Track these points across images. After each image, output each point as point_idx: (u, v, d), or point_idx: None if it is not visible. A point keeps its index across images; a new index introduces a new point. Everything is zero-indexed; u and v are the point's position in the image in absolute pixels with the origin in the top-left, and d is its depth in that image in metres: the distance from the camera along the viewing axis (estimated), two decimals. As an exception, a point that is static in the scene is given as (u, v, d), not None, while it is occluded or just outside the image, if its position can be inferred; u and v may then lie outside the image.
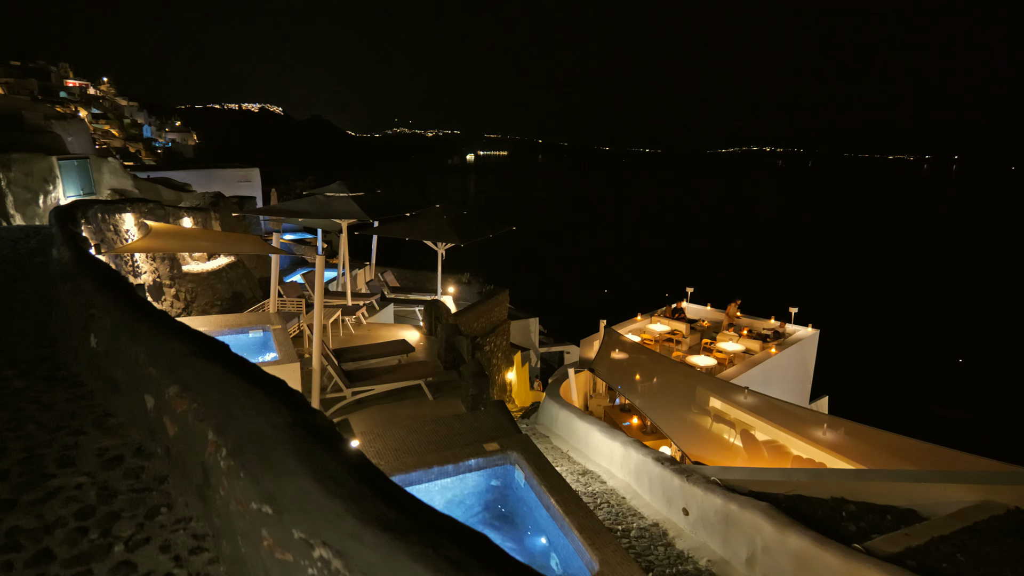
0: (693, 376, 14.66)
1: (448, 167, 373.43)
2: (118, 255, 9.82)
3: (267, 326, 9.80)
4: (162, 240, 8.07)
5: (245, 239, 9.35)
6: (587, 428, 9.87)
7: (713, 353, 17.85)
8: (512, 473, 5.16)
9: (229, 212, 13.44)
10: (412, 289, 17.84)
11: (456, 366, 10.68)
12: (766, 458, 12.34)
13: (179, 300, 11.57)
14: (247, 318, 10.15)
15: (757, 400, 13.93)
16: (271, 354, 9.05)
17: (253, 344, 9.59)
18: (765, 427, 13.16)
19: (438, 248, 16.56)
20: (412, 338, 12.60)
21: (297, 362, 8.17)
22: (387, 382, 9.14)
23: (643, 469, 7.95)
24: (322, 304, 8.28)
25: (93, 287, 3.78)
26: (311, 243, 25.40)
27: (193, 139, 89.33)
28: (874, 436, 11.95)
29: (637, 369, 13.66)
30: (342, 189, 12.69)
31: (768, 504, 6.00)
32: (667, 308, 21.18)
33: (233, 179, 24.91)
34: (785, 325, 19.43)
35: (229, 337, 9.36)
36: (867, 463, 11.13)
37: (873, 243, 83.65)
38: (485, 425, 5.81)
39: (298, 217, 12.45)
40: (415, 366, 9.70)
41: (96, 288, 3.73)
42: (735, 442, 13.16)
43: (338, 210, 11.85)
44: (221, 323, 9.79)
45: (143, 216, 11.18)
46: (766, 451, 12.50)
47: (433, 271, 20.00)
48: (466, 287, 17.98)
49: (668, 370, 13.67)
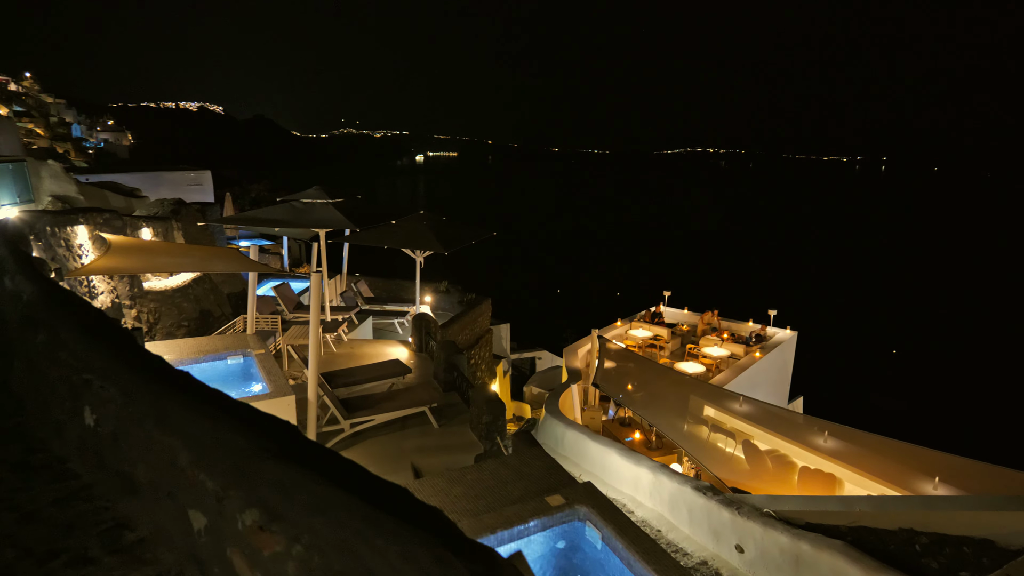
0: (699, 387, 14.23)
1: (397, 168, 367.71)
2: (67, 273, 8.54)
3: (247, 351, 8.70)
4: (127, 258, 6.93)
5: (220, 253, 8.25)
6: (602, 451, 9.17)
7: (699, 359, 17.55)
8: (583, 532, 4.42)
9: (192, 221, 12.08)
10: (386, 299, 16.81)
11: (456, 387, 9.83)
12: (770, 469, 11.98)
13: (140, 322, 10.25)
14: (222, 341, 9.02)
15: (753, 408, 13.61)
16: (256, 384, 7.99)
17: (233, 373, 8.48)
18: (765, 436, 12.83)
19: (416, 256, 15.62)
20: (401, 356, 11.66)
21: (292, 395, 7.18)
22: (388, 411, 8.24)
23: (680, 499, 7.32)
24: (318, 326, 7.30)
25: (82, 341, 2.81)
26: (270, 250, 23.90)
27: (128, 139, 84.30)
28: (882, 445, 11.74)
29: (641, 381, 13.11)
30: (320, 195, 11.62)
31: (845, 543, 5.45)
32: (647, 312, 20.81)
33: (182, 183, 23.06)
34: (766, 328, 19.35)
35: (204, 366, 8.25)
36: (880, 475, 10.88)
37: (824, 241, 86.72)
38: (533, 469, 5.06)
39: (274, 226, 11.34)
40: (416, 391, 8.81)
41: (87, 342, 2.77)
42: (736, 453, 12.77)
43: (318, 218, 10.81)
44: (193, 349, 8.63)
45: (98, 228, 9.82)
46: (769, 462, 12.14)
47: (407, 279, 19.01)
48: (444, 296, 17.07)
49: (674, 382, 13.18)
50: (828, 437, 12.25)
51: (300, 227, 11.31)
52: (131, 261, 6.87)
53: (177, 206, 12.10)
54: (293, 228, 12.36)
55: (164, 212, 11.92)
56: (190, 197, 21.59)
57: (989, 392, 33.79)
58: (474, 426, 8.30)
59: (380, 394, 8.74)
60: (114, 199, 13.99)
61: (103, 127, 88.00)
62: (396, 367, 9.65)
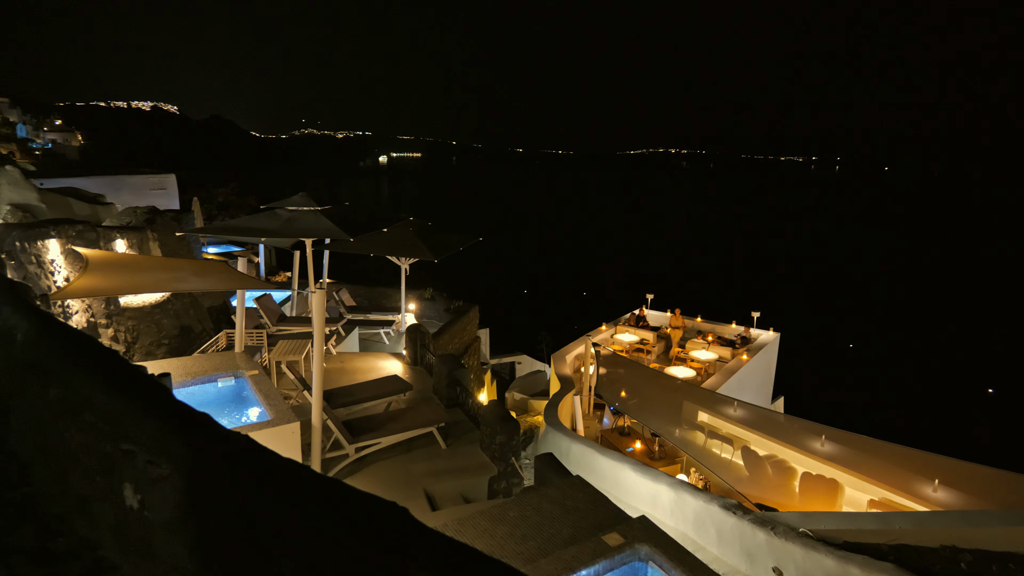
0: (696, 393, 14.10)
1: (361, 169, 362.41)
2: (36, 290, 7.79)
3: (238, 371, 8.12)
4: (110, 276, 6.32)
5: (210, 268, 7.64)
6: (614, 466, 8.87)
7: (688, 363, 17.46)
8: (646, 574, 4.07)
9: (169, 231, 11.26)
10: (369, 308, 16.21)
11: (459, 403, 9.40)
12: (770, 476, 11.88)
13: (118, 343, 9.48)
14: (209, 361, 8.40)
15: (749, 412, 13.53)
16: (253, 409, 7.43)
17: (225, 396, 7.89)
18: (763, 442, 12.74)
19: (402, 263, 15.11)
20: (395, 370, 11.16)
21: (296, 422, 6.66)
22: (393, 432, 7.76)
23: (707, 518, 7.07)
24: (323, 344, 6.80)
25: (112, 399, 2.32)
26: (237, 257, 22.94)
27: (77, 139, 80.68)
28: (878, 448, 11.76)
29: (640, 388, 12.88)
30: (307, 202, 11.01)
31: (895, 566, 5.26)
32: (631, 316, 20.69)
33: (145, 187, 21.87)
34: (750, 330, 19.41)
35: (193, 389, 7.64)
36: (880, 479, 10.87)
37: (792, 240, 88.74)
38: (578, 502, 4.70)
39: (260, 236, 10.70)
40: (421, 410, 8.36)
41: (120, 402, 2.29)
42: (735, 460, 12.65)
43: (307, 227, 10.22)
44: (178, 370, 8.00)
45: (70, 242, 9.01)
46: (770, 468, 12.05)
47: (389, 286, 18.45)
48: (429, 304, 16.58)
49: (673, 389, 12.99)
50: (825, 441, 12.23)
51: (288, 236, 10.71)
52: (115, 280, 6.24)
53: (151, 215, 11.23)
54: (280, 238, 11.73)
55: (138, 221, 11.03)
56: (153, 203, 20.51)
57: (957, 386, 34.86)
58: (485, 446, 7.90)
59: (384, 414, 8.25)
60: (78, 207, 13.03)
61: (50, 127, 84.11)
62: (396, 384, 9.17)
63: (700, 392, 14.74)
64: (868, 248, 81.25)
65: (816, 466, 11.73)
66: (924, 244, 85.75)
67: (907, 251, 79.76)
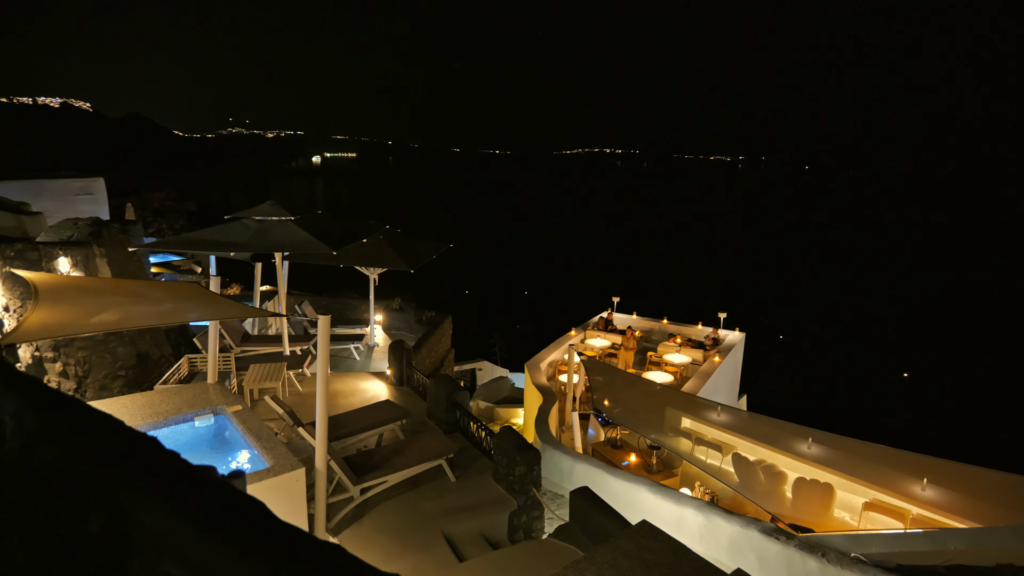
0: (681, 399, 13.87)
1: (293, 170, 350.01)
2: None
3: (217, 408, 7.14)
4: (74, 308, 5.31)
5: (186, 293, 6.63)
6: (628, 487, 8.39)
7: (663, 367, 17.31)
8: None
9: (118, 246, 9.85)
10: (335, 321, 15.16)
11: (460, 428, 8.72)
12: (762, 483, 11.76)
13: (68, 378, 8.18)
14: (180, 396, 7.36)
15: (733, 417, 13.42)
16: (242, 454, 6.50)
17: (204, 439, 6.90)
18: (750, 447, 12.65)
19: (370, 273, 14.20)
20: (380, 392, 10.33)
21: (301, 467, 5.82)
22: (401, 468, 7.01)
23: (744, 544, 6.70)
24: (326, 374, 5.99)
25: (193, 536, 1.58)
26: (180, 267, 21.20)
27: (-22, 140, 74.01)
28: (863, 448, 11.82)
29: (632, 398, 12.50)
30: (276, 211, 9.97)
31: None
32: (600, 320, 20.43)
33: (69, 192, 19.69)
34: (718, 331, 19.50)
35: (163, 432, 6.63)
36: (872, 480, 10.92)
37: (726, 238, 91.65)
38: (658, 555, 4.16)
39: (229, 251, 9.58)
40: (425, 440, 7.63)
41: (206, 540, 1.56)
42: (725, 467, 12.49)
43: (282, 240, 9.25)
44: (145, 409, 6.96)
45: (8, 264, 7.62)
46: (762, 475, 11.94)
47: (351, 297, 17.44)
48: (398, 314, 15.68)
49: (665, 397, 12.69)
50: (812, 444, 12.21)
51: (262, 251, 9.65)
52: (80, 313, 5.22)
53: (96, 227, 9.78)
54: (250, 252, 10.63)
55: (81, 236, 9.59)
56: (79, 210, 18.59)
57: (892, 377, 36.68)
58: (500, 477, 7.26)
59: (386, 447, 7.47)
60: (3, 218, 11.29)
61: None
62: (390, 410, 8.38)
63: (683, 397, 14.55)
64: (799, 242, 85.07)
65: (807, 470, 11.69)
66: (844, 237, 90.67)
67: (831, 243, 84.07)
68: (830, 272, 63.61)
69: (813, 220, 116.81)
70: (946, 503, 10.29)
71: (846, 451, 11.75)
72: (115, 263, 9.46)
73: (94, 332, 5.24)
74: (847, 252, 77.43)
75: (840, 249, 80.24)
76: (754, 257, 72.92)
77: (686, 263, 67.91)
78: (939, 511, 10.16)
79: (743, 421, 13.20)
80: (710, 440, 13.20)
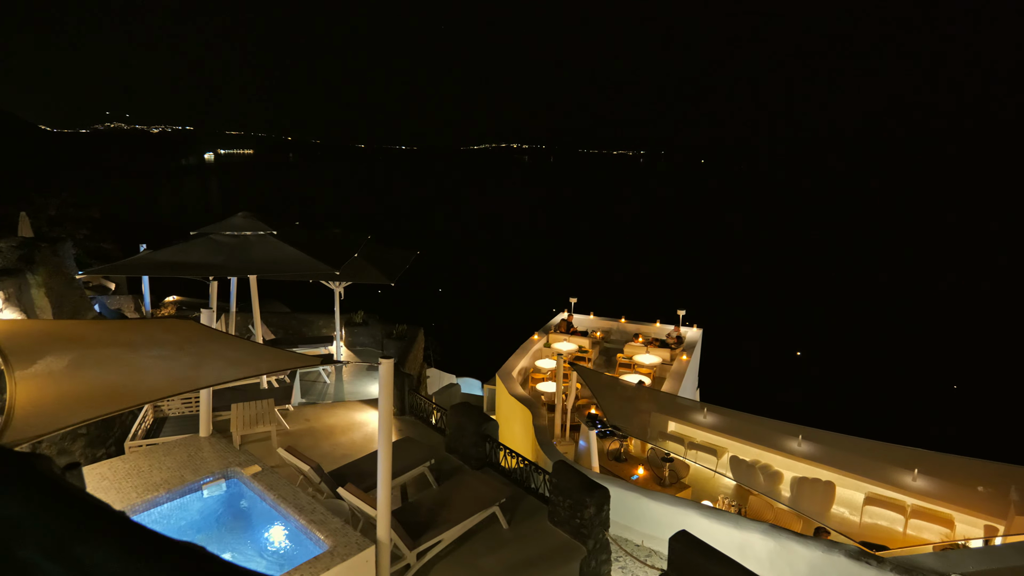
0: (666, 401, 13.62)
1: (183, 168, 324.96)
2: None
3: (229, 471, 5.89)
4: (63, 379, 4.06)
5: (179, 328, 5.36)
6: (676, 512, 7.89)
7: (635, 368, 17.09)
8: None
9: (56, 272, 7.92)
10: (294, 340, 13.68)
11: (490, 463, 7.88)
12: (762, 484, 11.73)
13: None
14: (171, 458, 6.03)
15: (720, 417, 13.35)
16: (275, 528, 5.35)
17: (219, 514, 5.63)
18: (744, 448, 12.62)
19: (336, 287, 12.91)
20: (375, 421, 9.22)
21: (371, 546, 4.82)
22: (454, 522, 6.11)
23: (829, 571, 6.36)
24: (391, 428, 5.00)
25: None
26: (90, 283, 18.59)
27: None
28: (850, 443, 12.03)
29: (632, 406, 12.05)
30: (253, 225, 8.55)
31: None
32: (562, 323, 19.97)
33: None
34: (680, 328, 19.58)
35: (166, 509, 5.34)
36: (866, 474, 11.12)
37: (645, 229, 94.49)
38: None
39: (204, 274, 8.05)
40: (471, 485, 6.75)
41: None
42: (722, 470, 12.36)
43: (270, 259, 7.93)
44: (133, 479, 5.63)
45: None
46: (762, 477, 11.91)
47: (305, 311, 15.93)
48: (363, 329, 14.40)
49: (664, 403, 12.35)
50: (802, 441, 12.32)
51: (243, 273, 8.21)
52: (72, 383, 3.92)
53: (28, 249, 7.76)
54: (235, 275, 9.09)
55: (8, 262, 7.59)
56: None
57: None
58: (560, 519, 6.52)
59: (427, 498, 6.50)
60: None
61: None
62: (416, 451, 7.39)
63: (665, 398, 14.36)
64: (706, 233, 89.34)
65: (804, 468, 11.77)
66: (748, 224, 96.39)
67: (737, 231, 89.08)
68: (751, 260, 67.01)
69: (714, 209, 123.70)
70: (936, 490, 10.59)
71: (836, 447, 11.90)
72: (53, 293, 7.67)
73: (114, 413, 3.95)
74: (753, 238, 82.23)
75: (748, 234, 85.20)
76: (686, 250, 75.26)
77: (620, 259, 68.95)
78: (935, 501, 10.46)
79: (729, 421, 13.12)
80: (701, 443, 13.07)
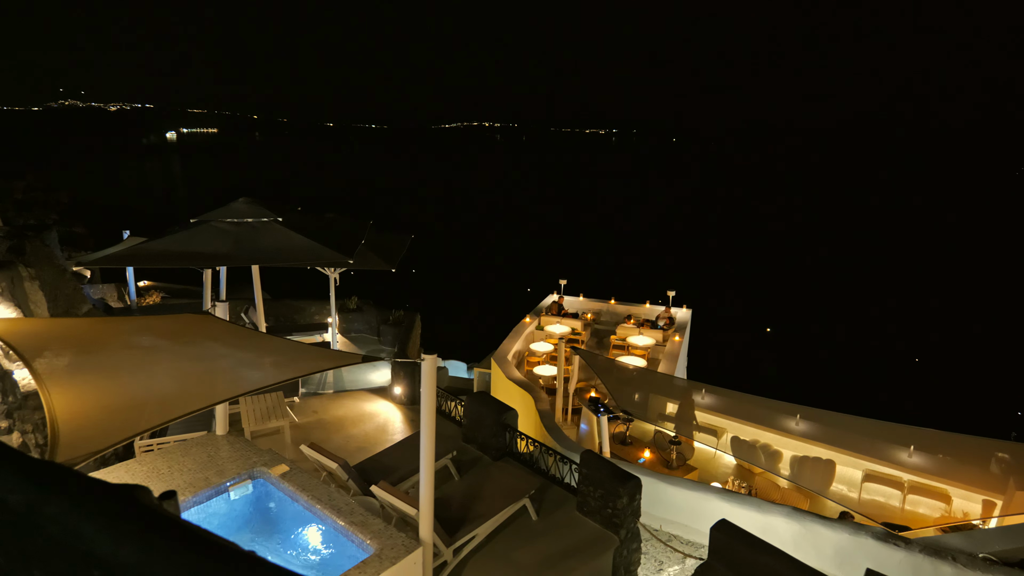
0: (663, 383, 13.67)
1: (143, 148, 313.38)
2: None
3: (255, 471, 5.66)
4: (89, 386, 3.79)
5: (194, 324, 5.07)
6: (695, 496, 7.91)
7: (629, 350, 17.13)
8: None
9: (49, 264, 7.40)
10: (289, 328, 13.33)
11: (510, 453, 7.77)
12: (764, 464, 11.91)
13: (30, 450, 6.07)
14: (190, 458, 5.77)
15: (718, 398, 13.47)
16: (311, 530, 5.15)
17: (250, 519, 5.41)
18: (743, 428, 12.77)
19: (331, 273, 12.58)
20: (390, 414, 9.05)
21: (419, 547, 4.67)
22: (487, 516, 6.01)
23: (857, 553, 6.43)
24: (433, 429, 4.84)
25: None
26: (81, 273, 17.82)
27: None
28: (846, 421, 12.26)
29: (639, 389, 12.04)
30: (256, 211, 8.16)
31: None
32: (553, 305, 19.87)
33: None
34: (671, 309, 19.65)
35: (193, 513, 5.10)
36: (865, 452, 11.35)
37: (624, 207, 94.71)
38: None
39: (211, 264, 7.66)
40: (498, 477, 6.64)
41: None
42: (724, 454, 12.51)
43: (281, 247, 7.60)
44: (153, 481, 5.36)
45: None
46: (763, 456, 12.08)
47: (297, 298, 15.52)
48: (357, 315, 14.09)
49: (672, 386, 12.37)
50: (800, 420, 12.51)
51: (250, 263, 7.85)
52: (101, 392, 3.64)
53: (17, 239, 7.23)
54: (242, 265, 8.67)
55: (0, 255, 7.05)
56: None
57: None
58: (590, 509, 6.45)
59: (455, 491, 6.37)
60: None
61: None
62: (438, 442, 7.23)
63: (662, 379, 14.44)
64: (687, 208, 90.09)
65: (804, 447, 11.96)
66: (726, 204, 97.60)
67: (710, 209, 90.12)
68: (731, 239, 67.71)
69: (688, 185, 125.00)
70: (932, 466, 10.85)
71: (833, 426, 12.11)
72: (47, 287, 7.19)
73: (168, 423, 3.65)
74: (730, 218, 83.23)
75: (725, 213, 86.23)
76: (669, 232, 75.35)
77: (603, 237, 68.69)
78: (931, 476, 10.72)
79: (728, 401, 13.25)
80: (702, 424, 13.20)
